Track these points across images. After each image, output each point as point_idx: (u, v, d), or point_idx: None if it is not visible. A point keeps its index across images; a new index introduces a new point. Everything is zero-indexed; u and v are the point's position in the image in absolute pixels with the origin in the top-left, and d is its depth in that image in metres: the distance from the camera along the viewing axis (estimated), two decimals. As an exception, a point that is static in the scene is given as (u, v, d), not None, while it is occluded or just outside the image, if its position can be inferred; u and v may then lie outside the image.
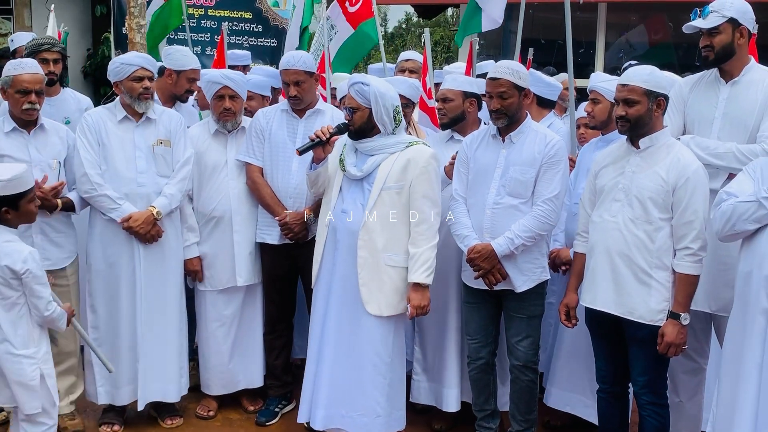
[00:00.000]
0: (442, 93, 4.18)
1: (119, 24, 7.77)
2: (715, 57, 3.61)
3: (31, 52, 4.77)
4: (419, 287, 3.70)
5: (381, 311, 3.71)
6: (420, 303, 3.70)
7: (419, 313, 3.73)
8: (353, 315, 3.74)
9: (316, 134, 3.73)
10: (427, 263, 3.68)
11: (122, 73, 4.11)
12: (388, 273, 3.72)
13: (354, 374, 3.75)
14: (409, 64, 5.45)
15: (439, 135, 4.41)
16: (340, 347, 3.77)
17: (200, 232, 4.41)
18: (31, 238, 3.96)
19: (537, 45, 6.61)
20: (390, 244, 3.71)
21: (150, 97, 4.15)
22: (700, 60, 3.78)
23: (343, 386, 3.77)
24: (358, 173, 3.75)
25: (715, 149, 3.56)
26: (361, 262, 3.71)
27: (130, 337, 4.18)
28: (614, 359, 3.58)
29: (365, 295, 3.70)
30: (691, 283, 3.31)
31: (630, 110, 3.34)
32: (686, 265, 3.29)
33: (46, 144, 4.06)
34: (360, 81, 3.72)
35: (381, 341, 3.74)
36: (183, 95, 4.79)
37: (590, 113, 4.13)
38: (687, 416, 3.89)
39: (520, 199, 3.73)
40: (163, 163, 4.18)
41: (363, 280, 3.71)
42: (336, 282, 3.78)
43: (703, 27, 3.58)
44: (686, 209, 3.27)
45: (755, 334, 2.94)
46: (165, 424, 4.36)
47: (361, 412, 3.76)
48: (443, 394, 4.26)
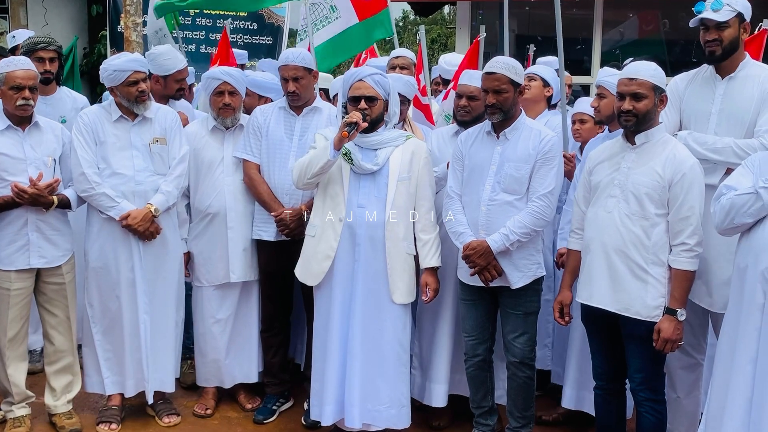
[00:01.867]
0: (469, 90, 4.08)
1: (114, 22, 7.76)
2: (722, 51, 3.60)
3: (26, 50, 4.78)
4: (433, 271, 3.92)
5: (405, 299, 3.88)
6: (437, 285, 3.94)
7: (435, 296, 3.93)
8: (378, 307, 3.84)
9: (353, 118, 3.67)
10: (439, 248, 3.93)
11: (116, 79, 4.09)
12: (408, 261, 3.89)
13: (380, 367, 3.85)
14: (399, 60, 5.43)
15: (446, 129, 4.40)
16: (367, 342, 3.83)
17: (195, 228, 4.44)
18: (27, 235, 3.96)
19: (534, 42, 6.61)
20: (407, 234, 3.88)
21: (147, 98, 4.15)
22: (696, 56, 3.77)
23: (373, 381, 3.84)
24: (373, 167, 3.81)
25: (713, 144, 3.56)
26: (388, 253, 3.82)
27: (132, 332, 4.19)
28: (611, 356, 3.58)
29: (392, 285, 3.84)
30: (687, 279, 3.31)
31: (638, 105, 3.33)
32: (682, 260, 3.29)
33: (41, 141, 4.05)
34: (377, 72, 3.84)
35: (402, 329, 3.89)
36: (175, 95, 4.79)
37: (596, 108, 4.13)
38: (684, 412, 3.89)
39: (515, 196, 3.73)
40: (159, 161, 4.19)
41: (391, 270, 3.83)
42: (359, 277, 3.83)
43: (719, 20, 3.55)
44: (682, 205, 3.27)
45: (750, 329, 2.93)
46: (163, 422, 4.35)
47: (388, 404, 3.86)
48: (431, 390, 4.26)
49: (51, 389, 4.24)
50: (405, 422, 3.93)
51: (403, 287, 3.86)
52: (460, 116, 4.16)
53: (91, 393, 4.40)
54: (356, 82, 3.82)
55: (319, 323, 3.96)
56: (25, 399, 4.18)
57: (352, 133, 3.68)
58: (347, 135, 3.67)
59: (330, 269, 3.87)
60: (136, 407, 4.47)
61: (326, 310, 3.91)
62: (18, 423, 4.14)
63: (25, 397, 4.18)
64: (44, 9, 10.72)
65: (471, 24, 9.96)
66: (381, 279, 3.83)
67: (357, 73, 3.85)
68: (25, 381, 4.16)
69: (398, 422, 3.90)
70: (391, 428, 3.93)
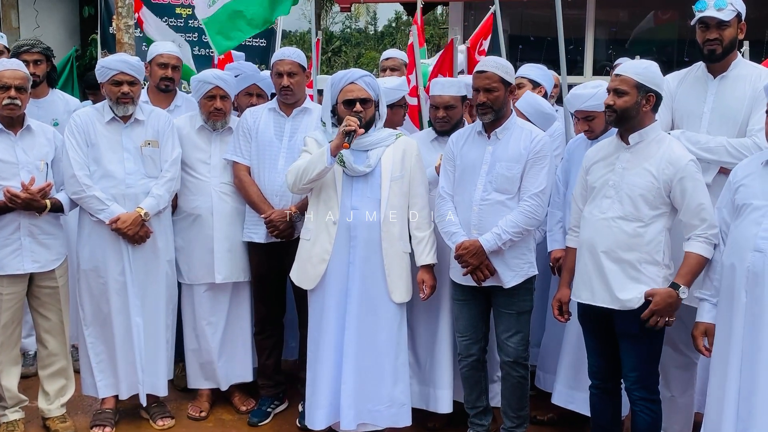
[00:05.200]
0: (445, 101, 4.08)
1: (106, 24, 7.73)
2: (722, 51, 3.61)
3: (12, 55, 4.76)
4: (429, 268, 3.91)
5: (403, 297, 3.89)
6: (433, 282, 3.92)
7: (432, 293, 3.92)
8: (374, 308, 3.84)
9: (350, 124, 3.66)
10: (434, 245, 3.92)
11: (103, 76, 4.11)
12: (405, 260, 3.90)
13: (378, 366, 3.84)
14: (390, 62, 5.42)
15: (424, 133, 4.40)
16: (363, 343, 3.82)
17: (179, 225, 4.42)
18: (20, 240, 3.95)
19: (526, 42, 6.61)
20: (403, 232, 3.88)
21: (129, 102, 4.10)
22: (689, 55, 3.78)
23: (369, 380, 3.83)
24: (366, 169, 3.80)
25: (706, 144, 3.57)
26: (385, 253, 3.82)
27: (125, 334, 4.18)
28: (606, 355, 3.57)
29: (391, 285, 3.84)
30: (698, 263, 3.25)
31: (618, 100, 3.32)
32: (697, 245, 3.24)
33: (33, 145, 4.03)
34: (367, 74, 3.86)
35: (398, 327, 3.89)
36: (159, 84, 4.76)
37: (588, 130, 4.11)
38: (679, 411, 3.90)
39: (507, 195, 3.73)
40: (151, 164, 4.17)
41: (389, 270, 3.83)
42: (355, 279, 3.82)
43: (723, 19, 3.55)
44: (689, 204, 3.26)
45: (739, 328, 2.96)
46: (157, 425, 4.34)
47: (388, 403, 3.86)
48: (436, 396, 4.23)
49: (44, 393, 4.22)
50: (406, 420, 3.93)
51: (402, 286, 3.87)
52: (439, 126, 4.16)
53: (85, 396, 4.40)
54: (348, 84, 3.80)
55: (314, 327, 3.94)
56: (18, 403, 4.17)
57: (350, 140, 3.67)
58: (348, 146, 3.67)
59: (325, 272, 3.85)
60: (130, 410, 4.45)
61: (321, 314, 3.89)
62: (11, 427, 4.12)
63: (18, 401, 4.16)
64: (35, 11, 10.67)
65: (463, 25, 9.97)
66: (379, 280, 3.82)
67: (348, 76, 3.83)
68: (18, 385, 4.14)
69: (399, 420, 3.91)
70: (392, 427, 3.93)
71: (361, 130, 3.70)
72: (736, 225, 3.08)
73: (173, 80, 4.81)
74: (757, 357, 2.90)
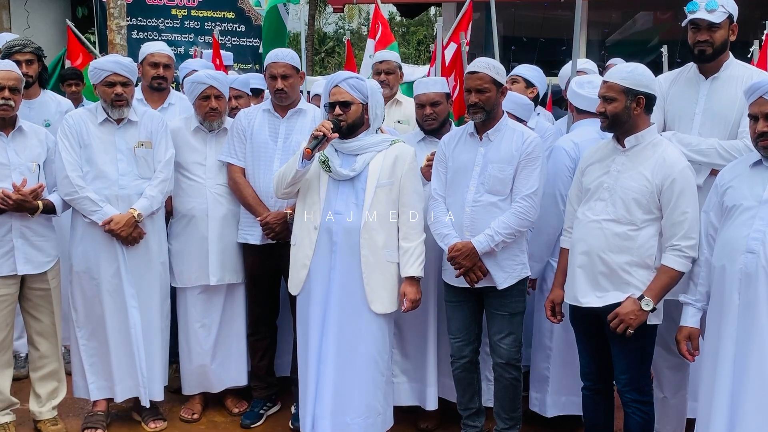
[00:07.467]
0: (430, 98, 4.12)
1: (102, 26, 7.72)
2: (713, 52, 3.62)
3: (3, 55, 4.74)
4: (413, 281, 3.78)
5: (386, 308, 3.76)
6: (416, 296, 3.78)
7: (414, 307, 3.79)
8: (354, 316, 3.73)
9: (319, 130, 3.65)
10: (421, 257, 3.77)
11: (96, 77, 4.09)
12: (389, 270, 3.77)
13: (357, 377, 3.74)
14: (384, 66, 5.22)
15: (412, 134, 4.41)
16: (342, 351, 3.73)
17: (175, 226, 4.41)
18: (12, 242, 3.93)
19: (519, 43, 6.62)
20: (388, 241, 3.76)
21: (124, 104, 4.09)
22: (681, 56, 3.79)
23: (347, 391, 3.74)
24: (350, 173, 3.74)
25: (697, 145, 3.58)
26: (364, 261, 3.71)
27: (121, 337, 4.16)
28: (598, 357, 3.58)
29: (370, 294, 3.72)
30: (670, 277, 3.27)
31: (608, 107, 3.34)
32: (671, 258, 3.26)
33: (25, 147, 4.02)
34: (354, 76, 3.79)
35: (381, 338, 3.78)
36: (152, 83, 4.79)
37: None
38: (671, 412, 3.91)
39: (499, 197, 3.73)
40: (144, 165, 4.16)
41: (367, 279, 3.72)
42: (335, 285, 3.74)
43: (714, 21, 3.56)
44: (674, 210, 3.25)
45: (730, 329, 2.97)
46: (149, 427, 4.33)
47: (365, 414, 3.76)
48: (426, 393, 4.25)
49: (36, 395, 4.21)
50: (380, 430, 3.85)
51: (385, 296, 3.75)
52: (427, 125, 4.18)
53: (77, 399, 4.38)
54: (332, 88, 3.77)
55: (301, 332, 3.91)
56: (9, 406, 4.15)
57: (320, 145, 3.64)
58: (310, 152, 3.62)
59: (307, 278, 3.80)
60: (122, 412, 4.44)
61: (305, 320, 3.85)
62: (2, 430, 4.10)
63: (9, 404, 4.14)
64: (26, 12, 10.64)
65: (457, 25, 9.97)
66: (357, 287, 3.72)
67: (332, 79, 3.81)
68: (9, 387, 4.12)
69: (375, 430, 3.81)
70: None
71: (334, 134, 3.65)
72: (725, 227, 3.09)
73: (166, 79, 4.84)
74: (749, 359, 2.91)
